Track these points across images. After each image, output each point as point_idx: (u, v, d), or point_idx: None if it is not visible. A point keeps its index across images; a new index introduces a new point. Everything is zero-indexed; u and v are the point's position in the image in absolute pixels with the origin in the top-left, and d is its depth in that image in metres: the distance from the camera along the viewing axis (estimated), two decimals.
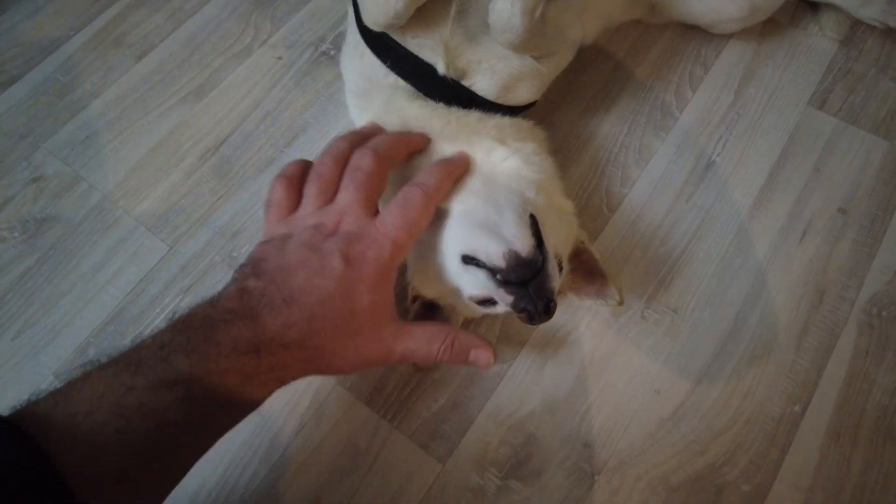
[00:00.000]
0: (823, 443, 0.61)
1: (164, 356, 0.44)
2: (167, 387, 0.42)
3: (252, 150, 0.78)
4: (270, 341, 0.46)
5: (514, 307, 0.52)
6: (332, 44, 0.86)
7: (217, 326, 0.46)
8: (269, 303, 0.47)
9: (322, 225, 0.52)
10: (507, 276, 0.52)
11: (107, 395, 0.41)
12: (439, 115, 0.61)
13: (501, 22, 0.55)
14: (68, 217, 0.75)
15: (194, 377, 0.43)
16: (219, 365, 0.44)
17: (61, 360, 0.67)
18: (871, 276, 0.68)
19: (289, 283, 0.48)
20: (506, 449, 0.62)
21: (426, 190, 0.53)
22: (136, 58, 0.86)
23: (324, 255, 0.49)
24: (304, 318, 0.47)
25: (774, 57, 0.82)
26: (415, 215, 0.52)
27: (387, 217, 0.52)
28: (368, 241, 0.51)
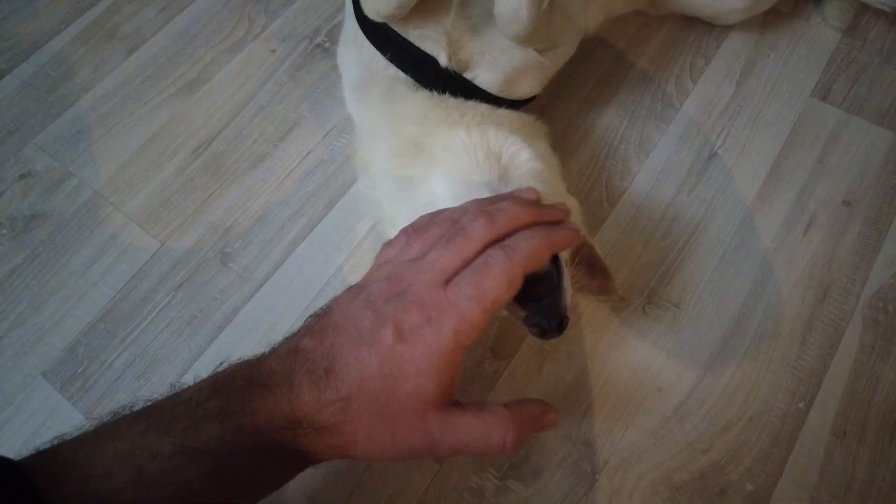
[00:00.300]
0: (829, 440, 0.60)
1: (197, 421, 0.40)
2: (194, 457, 0.39)
3: (245, 145, 0.77)
4: (304, 419, 0.41)
5: (527, 322, 0.49)
6: (327, 36, 0.84)
7: (255, 392, 0.42)
8: (311, 370, 0.42)
9: (397, 280, 0.44)
10: (523, 291, 0.47)
11: (130, 457, 0.39)
12: (449, 105, 0.59)
13: (508, 13, 0.53)
14: (58, 214, 0.74)
15: (223, 452, 0.40)
16: (252, 439, 0.41)
17: (51, 359, 0.66)
18: (876, 269, 0.67)
19: (335, 348, 0.42)
20: None
21: (513, 256, 0.44)
22: (127, 51, 0.84)
23: (378, 321, 0.42)
24: (341, 398, 0.41)
25: (776, 47, 0.81)
26: (492, 286, 0.42)
27: (459, 283, 0.43)
28: (429, 312, 0.42)
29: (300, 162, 0.75)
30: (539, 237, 0.46)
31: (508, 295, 0.44)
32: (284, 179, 0.74)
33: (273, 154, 0.76)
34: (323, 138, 0.77)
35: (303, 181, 0.74)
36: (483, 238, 0.45)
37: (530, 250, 0.45)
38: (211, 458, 0.40)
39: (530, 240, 0.45)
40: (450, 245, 0.45)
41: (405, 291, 0.43)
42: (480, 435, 0.43)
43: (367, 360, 0.42)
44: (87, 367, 0.66)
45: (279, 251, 0.70)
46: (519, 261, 0.44)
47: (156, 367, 0.66)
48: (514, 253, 0.44)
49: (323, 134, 0.77)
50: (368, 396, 0.41)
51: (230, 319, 0.67)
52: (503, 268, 0.43)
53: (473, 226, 0.45)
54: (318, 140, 0.77)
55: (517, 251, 0.44)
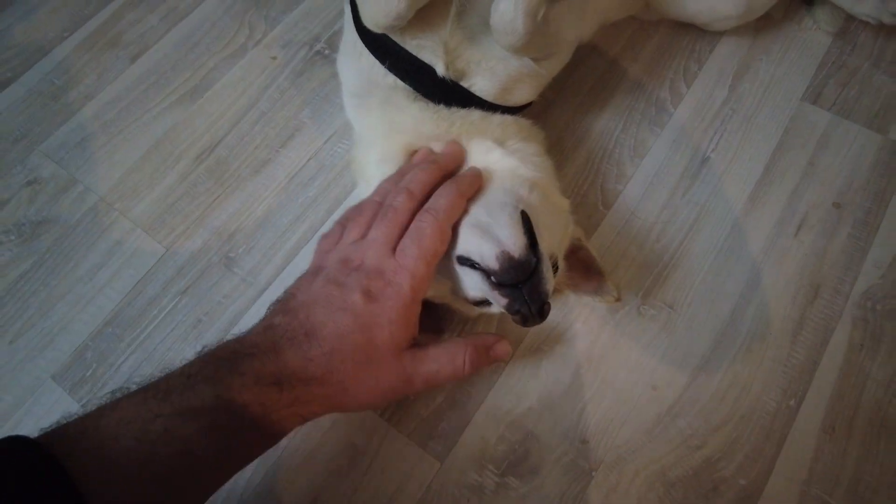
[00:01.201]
0: (819, 436, 0.62)
1: (191, 385, 0.46)
2: (192, 415, 0.44)
3: (248, 151, 0.78)
4: (291, 375, 0.48)
5: (508, 309, 0.52)
6: (326, 43, 0.86)
7: (242, 359, 0.48)
8: (292, 337, 0.49)
9: (348, 260, 0.54)
10: (501, 279, 0.52)
11: (134, 421, 0.43)
12: (441, 117, 0.61)
13: (504, 24, 0.55)
14: (64, 220, 0.75)
15: (218, 407, 0.45)
16: (242, 396, 0.46)
17: (59, 363, 0.68)
18: (865, 270, 0.69)
19: (311, 318, 0.50)
20: (503, 446, 0.62)
21: (437, 215, 0.54)
22: (130, 59, 0.86)
23: (345, 290, 0.51)
24: (324, 353, 0.49)
25: (768, 52, 0.82)
26: (429, 244, 0.53)
27: (403, 249, 0.53)
28: (388, 276, 0.52)
29: (301, 167, 0.77)
30: (449, 191, 0.55)
31: (443, 248, 0.54)
32: (286, 185, 0.76)
33: (275, 160, 0.78)
34: (324, 144, 0.78)
35: (304, 186, 0.76)
36: (408, 208, 0.55)
37: (448, 205, 0.54)
38: (207, 414, 0.45)
39: (444, 196, 0.55)
40: (385, 221, 0.55)
41: (361, 265, 0.53)
42: (445, 360, 0.54)
43: (342, 320, 0.50)
44: (96, 370, 0.67)
45: (282, 256, 0.72)
46: (442, 216, 0.54)
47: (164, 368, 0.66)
48: (436, 212, 0.54)
49: (324, 140, 0.79)
50: (349, 348, 0.50)
51: (235, 322, 0.69)
52: (433, 227, 0.53)
53: (398, 200, 0.55)
54: (318, 146, 0.78)
55: (438, 209, 0.54)
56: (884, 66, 0.80)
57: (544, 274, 0.53)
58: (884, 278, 0.68)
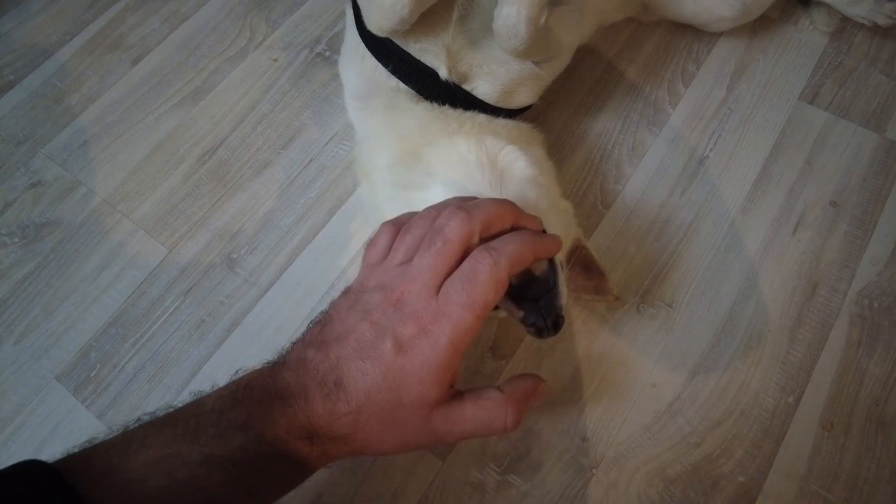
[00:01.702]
0: (817, 432, 0.62)
1: (222, 431, 0.43)
2: (221, 465, 0.42)
3: (249, 152, 0.79)
4: (320, 429, 0.45)
5: (524, 321, 0.52)
6: (327, 45, 0.86)
7: (275, 404, 0.45)
8: (322, 382, 0.45)
9: (390, 289, 0.47)
10: (521, 293, 0.50)
11: (161, 464, 0.41)
12: (449, 117, 0.61)
13: (507, 29, 0.55)
14: (68, 221, 0.76)
15: (248, 459, 0.43)
16: (273, 448, 0.44)
17: (64, 363, 0.68)
18: (862, 267, 0.69)
19: (341, 362, 0.45)
20: (505, 444, 0.62)
21: (499, 260, 0.45)
22: (132, 62, 0.86)
23: (378, 335, 0.45)
24: (351, 411, 0.45)
25: (765, 52, 0.83)
26: (482, 292, 0.44)
27: (449, 293, 0.45)
28: (425, 324, 0.45)
29: (303, 169, 0.77)
30: (524, 241, 0.48)
31: (496, 297, 0.46)
32: (288, 186, 0.77)
33: (277, 161, 0.78)
34: (325, 145, 0.79)
35: (306, 187, 0.76)
36: (461, 236, 0.46)
37: (515, 254, 0.46)
38: (236, 466, 0.42)
39: (516, 243, 0.47)
40: (432, 250, 0.46)
41: (399, 302, 0.46)
42: (482, 422, 0.47)
43: (371, 373, 0.44)
44: (100, 371, 0.68)
45: (284, 256, 0.72)
46: (504, 264, 0.45)
47: (166, 369, 0.68)
48: (499, 256, 0.45)
49: (325, 141, 0.79)
50: (376, 408, 0.45)
51: (238, 323, 0.70)
52: (490, 273, 0.45)
53: (451, 225, 0.47)
54: (320, 147, 0.79)
55: (502, 254, 0.45)
56: (880, 65, 0.81)
57: (560, 288, 0.52)
58: (881, 276, 0.69)
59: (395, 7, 0.55)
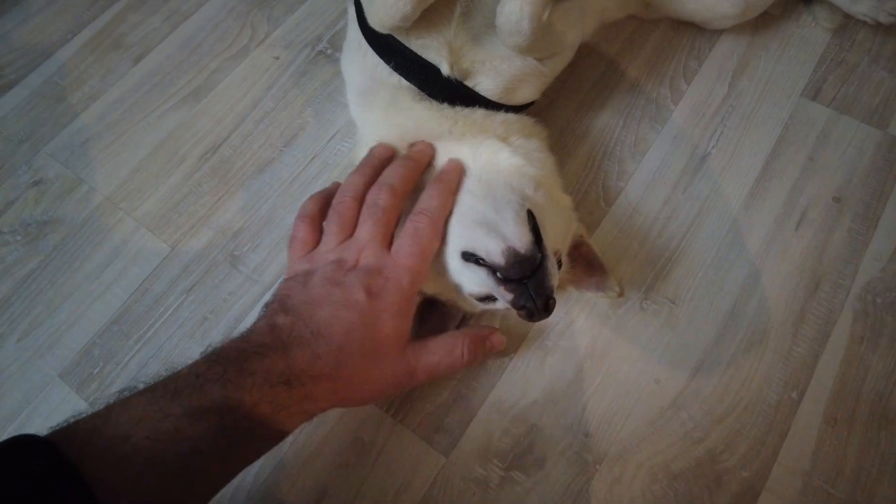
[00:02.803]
0: (821, 428, 0.62)
1: (200, 385, 0.46)
2: (202, 415, 0.45)
3: (251, 150, 0.79)
4: (301, 373, 0.49)
5: (514, 304, 0.53)
6: (328, 43, 0.86)
7: (250, 359, 0.49)
8: (299, 336, 0.51)
9: (343, 260, 0.56)
10: (507, 274, 0.53)
11: (144, 419, 0.43)
12: (445, 116, 0.62)
13: (510, 25, 0.55)
14: (70, 219, 0.76)
15: (228, 407, 0.46)
16: (252, 396, 0.47)
17: (66, 360, 0.68)
18: (865, 263, 0.69)
19: (315, 316, 0.52)
20: (508, 440, 0.62)
21: (431, 215, 0.56)
22: (133, 60, 0.86)
23: (347, 289, 0.53)
24: (332, 350, 0.51)
25: (768, 48, 0.83)
26: (426, 241, 0.56)
27: (401, 247, 0.56)
28: (387, 273, 0.54)
29: (305, 166, 0.77)
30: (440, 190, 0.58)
31: (438, 242, 0.57)
32: (290, 183, 0.77)
33: (279, 159, 0.78)
34: (327, 143, 0.79)
35: (308, 185, 0.76)
36: (394, 205, 0.58)
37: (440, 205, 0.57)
38: (216, 414, 0.45)
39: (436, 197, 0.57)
40: (372, 220, 0.57)
41: (357, 265, 0.55)
42: (443, 352, 0.57)
43: (348, 317, 0.52)
44: (103, 368, 0.68)
45: (287, 253, 0.72)
46: (437, 215, 0.57)
47: (169, 367, 0.66)
48: (432, 212, 0.56)
49: (327, 139, 0.79)
50: (357, 343, 0.52)
51: (241, 320, 0.70)
52: (429, 225, 0.56)
53: (382, 198, 0.58)
54: (322, 145, 0.79)
55: (433, 210, 0.57)
56: (883, 61, 0.81)
57: (549, 269, 0.54)
58: (884, 271, 0.69)
59: (398, 4, 0.55)
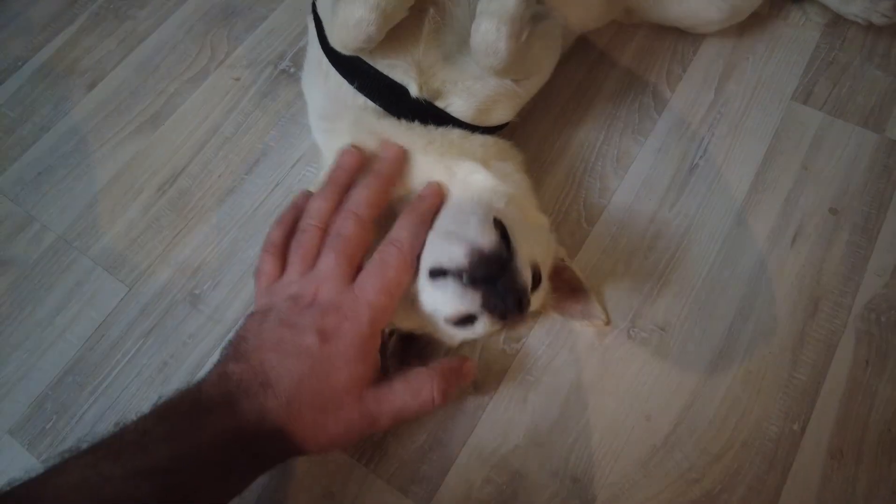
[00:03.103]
0: (825, 462, 0.58)
1: (145, 444, 0.44)
2: (146, 476, 0.43)
3: (211, 180, 0.75)
4: (251, 429, 0.46)
5: (485, 306, 0.50)
6: (291, 61, 0.82)
7: (199, 414, 0.46)
8: (247, 388, 0.47)
9: (300, 296, 0.51)
10: (474, 273, 0.50)
11: (83, 486, 0.41)
12: (418, 133, 0.58)
13: (485, 45, 0.52)
14: (21, 261, 0.72)
15: (174, 468, 0.43)
16: (200, 455, 0.44)
17: (17, 415, 0.64)
18: (867, 279, 0.65)
19: (264, 364, 0.48)
20: (490, 488, 0.58)
21: (401, 247, 0.52)
22: (87, 87, 0.82)
23: (299, 332, 0.49)
24: (281, 404, 0.47)
25: (755, 51, 0.78)
26: (393, 275, 0.51)
27: (365, 282, 0.51)
28: (345, 311, 0.50)
29: (268, 195, 0.73)
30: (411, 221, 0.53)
31: (408, 279, 0.52)
32: (252, 214, 0.72)
33: (240, 187, 0.74)
34: (291, 168, 0.75)
35: (272, 215, 0.72)
36: (358, 234, 0.53)
37: (411, 236, 0.52)
38: (162, 475, 0.43)
39: (407, 228, 0.53)
40: (335, 251, 0.52)
41: (314, 301, 0.51)
42: (410, 395, 0.51)
43: (297, 366, 0.48)
44: (56, 423, 0.64)
45: (249, 290, 0.68)
46: (407, 248, 0.52)
47: (128, 418, 0.63)
48: (402, 244, 0.52)
49: (291, 164, 0.75)
50: (307, 396, 0.47)
51: (202, 364, 0.65)
52: (398, 258, 0.51)
53: (346, 227, 0.53)
54: (285, 171, 0.74)
55: (403, 241, 0.52)
56: (876, 60, 0.77)
57: (519, 268, 0.51)
58: (887, 287, 0.65)
59: (361, 25, 0.51)
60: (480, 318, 0.52)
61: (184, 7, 0.87)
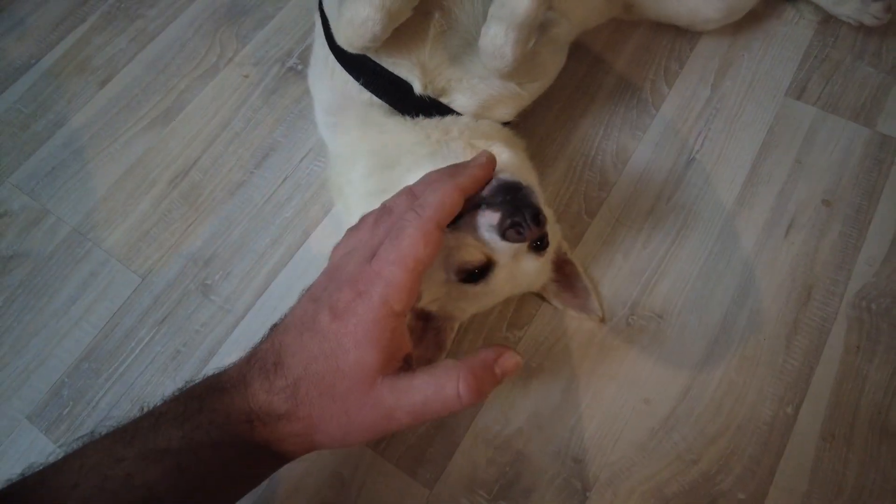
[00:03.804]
0: (818, 444, 0.60)
1: (157, 426, 0.43)
2: (156, 457, 0.41)
3: (222, 173, 0.76)
4: (260, 410, 0.43)
5: (502, 223, 0.48)
6: (299, 58, 0.84)
7: (213, 395, 0.44)
8: (262, 367, 0.44)
9: (334, 269, 0.47)
10: (491, 200, 0.49)
11: (95, 467, 0.41)
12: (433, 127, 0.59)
13: (493, 48, 0.53)
14: (37, 253, 0.73)
15: (185, 448, 0.42)
16: (211, 436, 0.42)
17: (35, 402, 0.66)
18: (858, 268, 0.67)
19: (283, 342, 0.44)
20: (494, 469, 0.60)
21: (422, 213, 0.44)
22: (100, 83, 0.84)
23: (317, 308, 0.44)
24: (287, 385, 0.43)
25: (750, 48, 0.80)
26: (408, 245, 0.43)
27: (380, 254, 0.44)
28: (359, 286, 0.43)
29: (277, 188, 0.75)
30: (443, 183, 0.46)
31: (427, 252, 0.44)
32: (262, 206, 0.74)
33: (250, 181, 0.76)
34: (299, 162, 0.76)
35: (281, 207, 0.74)
36: (405, 210, 0.46)
37: (437, 202, 0.45)
38: (173, 456, 0.41)
39: (436, 191, 0.45)
40: (377, 225, 0.47)
41: (335, 273, 0.46)
42: (433, 390, 0.42)
43: (308, 344, 0.43)
44: (73, 408, 0.65)
45: (260, 280, 0.70)
46: (429, 214, 0.44)
47: (140, 404, 0.65)
48: (423, 210, 0.44)
49: (299, 158, 0.77)
50: (315, 377, 0.43)
51: (214, 352, 0.67)
52: (415, 225, 0.44)
53: (396, 201, 0.47)
54: (294, 164, 0.76)
55: (424, 206, 0.45)
56: (867, 57, 0.79)
57: (536, 193, 0.50)
58: (877, 276, 0.67)
59: (367, 24, 0.53)
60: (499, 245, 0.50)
61: (193, 6, 0.88)
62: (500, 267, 0.53)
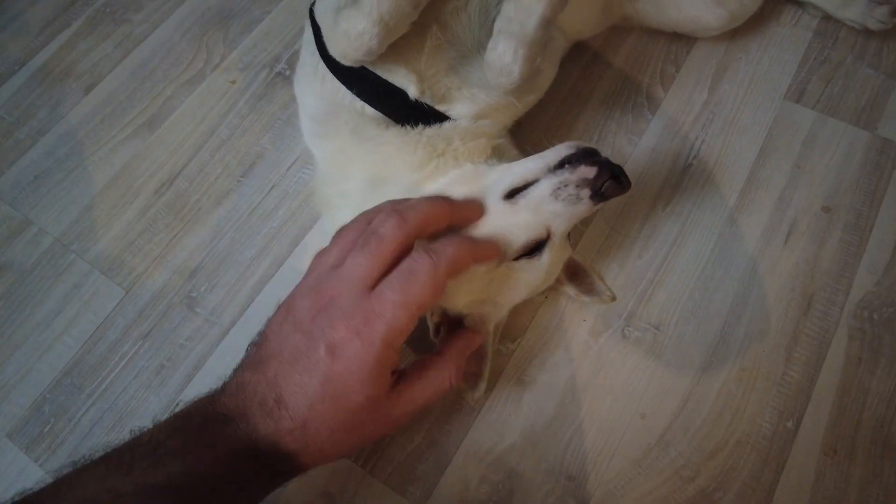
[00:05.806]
0: (819, 459, 0.58)
1: (157, 457, 0.42)
2: (158, 494, 0.41)
3: (208, 182, 0.75)
4: (266, 449, 0.44)
5: (599, 178, 0.50)
6: (287, 63, 0.82)
7: (214, 428, 0.44)
8: (262, 402, 0.44)
9: (319, 294, 0.46)
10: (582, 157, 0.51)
11: (93, 502, 0.40)
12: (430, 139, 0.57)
13: (501, 65, 0.52)
14: (18, 264, 0.72)
15: (187, 484, 0.41)
16: (215, 470, 0.42)
17: (14, 419, 0.64)
18: (859, 276, 0.65)
19: (279, 378, 0.44)
20: (486, 487, 0.58)
21: (438, 262, 0.45)
22: (84, 90, 0.82)
23: (311, 343, 0.44)
24: (297, 427, 0.44)
25: (747, 50, 0.79)
26: (418, 293, 0.44)
27: (384, 292, 0.44)
28: (357, 325, 0.43)
29: (264, 197, 0.73)
30: (463, 246, 0.47)
31: (433, 300, 0.45)
32: (249, 216, 0.72)
33: (237, 190, 0.74)
34: (286, 171, 0.75)
35: (268, 217, 0.72)
36: (396, 238, 0.46)
37: (455, 257, 0.46)
38: (174, 492, 0.41)
39: (455, 247, 0.46)
40: (365, 250, 0.45)
41: (329, 305, 0.45)
42: (431, 390, 0.49)
43: (309, 385, 0.44)
44: (54, 425, 0.64)
45: (246, 292, 0.68)
46: (444, 267, 0.45)
47: (125, 420, 0.64)
48: (439, 259, 0.45)
49: (286, 166, 0.75)
50: (323, 417, 0.44)
51: (199, 367, 0.65)
52: (429, 274, 0.44)
53: (385, 227, 0.46)
54: (281, 173, 0.75)
55: (442, 257, 0.45)
56: (868, 58, 0.77)
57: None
58: (879, 285, 0.65)
59: (363, 38, 0.51)
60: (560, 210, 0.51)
61: (179, 10, 0.87)
62: (552, 243, 0.53)
